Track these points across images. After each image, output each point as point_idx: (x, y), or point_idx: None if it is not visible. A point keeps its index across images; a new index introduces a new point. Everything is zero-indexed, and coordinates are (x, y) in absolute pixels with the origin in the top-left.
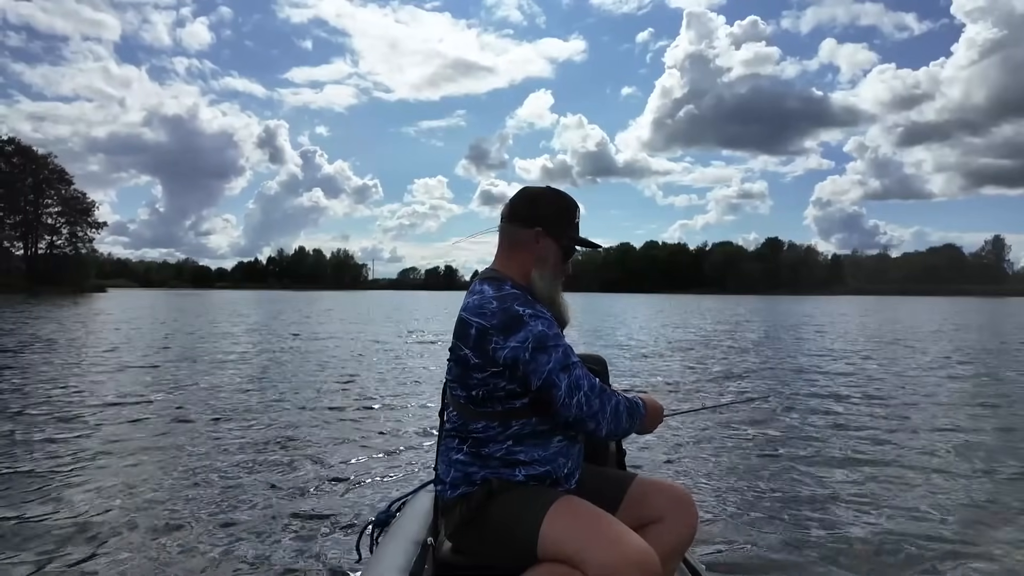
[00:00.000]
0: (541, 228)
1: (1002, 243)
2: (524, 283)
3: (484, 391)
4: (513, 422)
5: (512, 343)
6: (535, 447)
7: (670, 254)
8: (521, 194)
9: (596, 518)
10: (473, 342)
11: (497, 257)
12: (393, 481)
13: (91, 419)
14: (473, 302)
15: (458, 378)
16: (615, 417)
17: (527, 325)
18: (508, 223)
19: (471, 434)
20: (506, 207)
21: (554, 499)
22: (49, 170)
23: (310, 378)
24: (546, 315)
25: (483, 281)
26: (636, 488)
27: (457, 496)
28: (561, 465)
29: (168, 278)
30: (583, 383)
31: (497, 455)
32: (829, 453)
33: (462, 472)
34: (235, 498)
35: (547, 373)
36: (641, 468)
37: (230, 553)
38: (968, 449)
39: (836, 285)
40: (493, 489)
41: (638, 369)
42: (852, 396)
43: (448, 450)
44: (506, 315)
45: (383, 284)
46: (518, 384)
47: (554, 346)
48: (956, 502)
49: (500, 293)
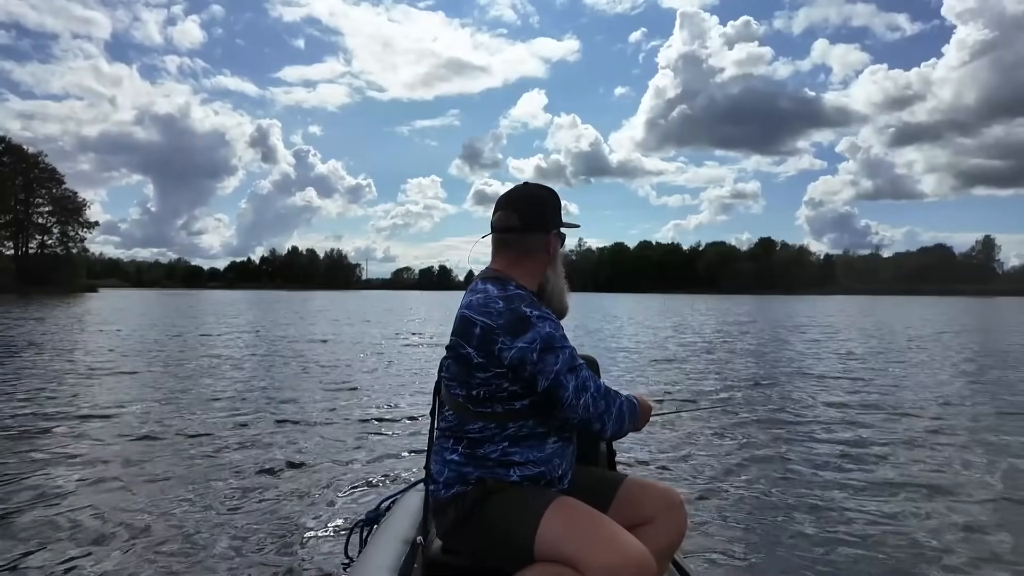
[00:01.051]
0: (555, 231)
1: (992, 243)
2: (528, 284)
3: (486, 391)
4: (511, 424)
5: (519, 344)
6: (531, 448)
7: (663, 254)
8: (523, 199)
9: (593, 519)
10: (478, 341)
11: (499, 261)
12: (383, 480)
13: (77, 425)
14: (477, 300)
15: (457, 377)
16: (619, 418)
17: (535, 326)
18: (520, 234)
19: (467, 434)
20: (510, 216)
21: (551, 500)
22: (40, 169)
23: (300, 378)
24: (552, 317)
25: (486, 280)
26: (627, 489)
27: (451, 496)
28: (556, 466)
29: (160, 278)
30: (590, 384)
31: (492, 456)
32: (819, 456)
33: (456, 472)
34: (223, 497)
35: (555, 374)
36: (632, 468)
37: (218, 552)
38: (969, 453)
39: (828, 285)
40: (488, 489)
41: (629, 367)
42: (844, 399)
43: (442, 450)
44: (513, 315)
45: (376, 284)
46: (521, 385)
47: (561, 347)
48: (950, 505)
49: (506, 293)
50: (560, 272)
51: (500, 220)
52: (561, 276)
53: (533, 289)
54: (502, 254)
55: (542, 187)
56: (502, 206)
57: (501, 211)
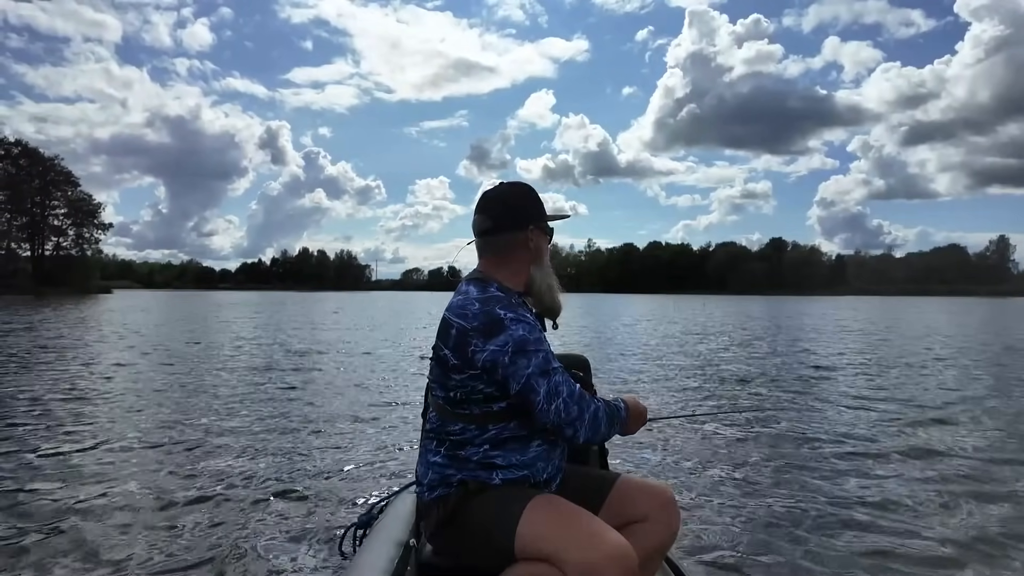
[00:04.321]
0: (533, 226)
1: (1007, 243)
2: (514, 285)
3: (462, 393)
4: (491, 426)
5: (491, 346)
6: (513, 452)
7: (673, 254)
8: (493, 200)
9: (573, 515)
10: (453, 343)
11: (483, 263)
12: (377, 482)
13: (83, 424)
14: (457, 302)
15: (438, 378)
16: (593, 423)
17: (507, 329)
18: (494, 235)
19: (449, 436)
20: (483, 219)
21: (530, 498)
22: (56, 172)
23: (299, 379)
24: (528, 319)
25: (469, 282)
26: (620, 488)
27: (435, 498)
28: (540, 470)
29: (171, 279)
30: (562, 389)
31: (474, 458)
32: (818, 461)
33: (439, 474)
34: (217, 499)
35: (526, 378)
36: (624, 467)
37: (212, 553)
38: (972, 459)
39: (840, 285)
40: (470, 491)
41: (633, 371)
42: (851, 405)
43: (427, 452)
44: (487, 317)
45: (386, 285)
46: (496, 388)
47: (535, 351)
48: (948, 510)
49: (484, 295)
50: (547, 269)
51: (475, 224)
52: (549, 273)
53: (520, 289)
54: (484, 257)
55: (516, 184)
56: (477, 209)
57: (476, 214)
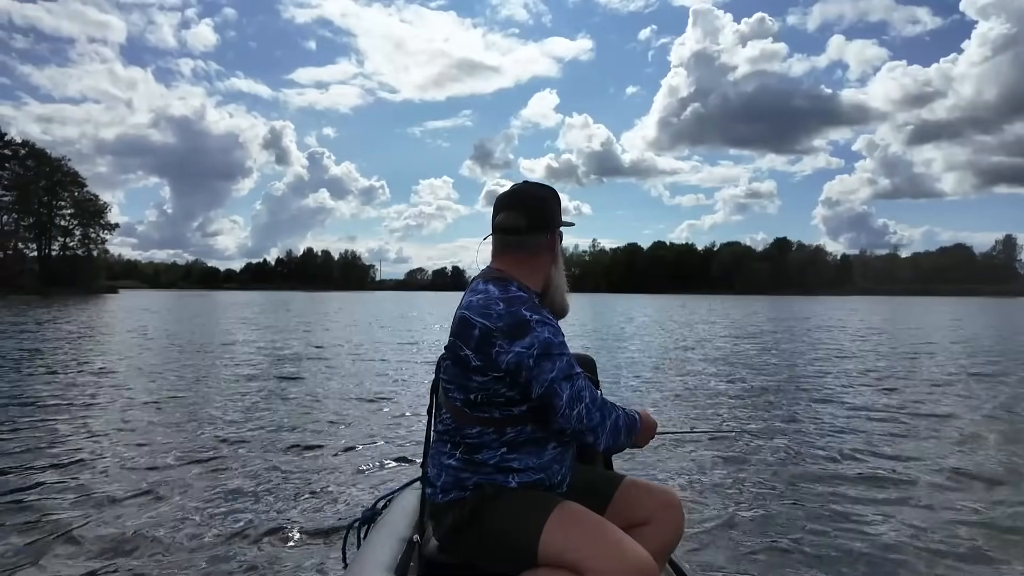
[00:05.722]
0: (557, 230)
1: (1013, 242)
2: (533, 285)
3: (483, 395)
4: (509, 429)
5: (517, 348)
6: (530, 455)
7: (678, 254)
8: (528, 199)
9: (597, 525)
10: (476, 343)
11: (503, 261)
12: (380, 478)
13: (88, 421)
14: (477, 301)
15: (455, 380)
16: (614, 431)
17: (534, 331)
18: (527, 235)
19: (465, 439)
20: (516, 217)
21: (553, 506)
22: (63, 173)
23: (299, 379)
24: (553, 322)
25: (488, 280)
26: (625, 489)
27: (448, 501)
28: (555, 472)
29: (176, 279)
30: (585, 395)
31: (491, 462)
32: (822, 468)
33: (454, 477)
34: (221, 495)
35: (550, 381)
36: (629, 467)
37: (214, 550)
38: (976, 466)
39: (845, 285)
40: (487, 495)
41: (639, 382)
42: (858, 415)
43: (439, 454)
44: (513, 319)
45: (390, 285)
46: (518, 391)
47: (559, 355)
48: (952, 515)
49: (507, 295)
50: (562, 271)
51: (505, 220)
52: (563, 275)
53: (537, 290)
54: (506, 255)
55: (544, 186)
56: (506, 206)
57: (505, 211)
